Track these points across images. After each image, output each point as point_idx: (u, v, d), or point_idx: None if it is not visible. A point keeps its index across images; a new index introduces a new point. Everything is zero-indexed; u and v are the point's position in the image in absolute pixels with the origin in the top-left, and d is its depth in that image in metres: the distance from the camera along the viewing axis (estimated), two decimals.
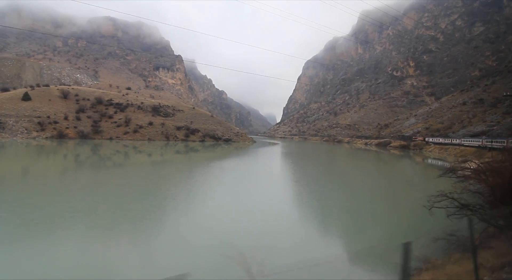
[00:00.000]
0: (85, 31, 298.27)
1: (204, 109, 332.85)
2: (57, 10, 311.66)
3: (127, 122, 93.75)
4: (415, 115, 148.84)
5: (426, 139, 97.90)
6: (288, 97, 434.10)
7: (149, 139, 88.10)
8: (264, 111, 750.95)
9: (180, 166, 41.52)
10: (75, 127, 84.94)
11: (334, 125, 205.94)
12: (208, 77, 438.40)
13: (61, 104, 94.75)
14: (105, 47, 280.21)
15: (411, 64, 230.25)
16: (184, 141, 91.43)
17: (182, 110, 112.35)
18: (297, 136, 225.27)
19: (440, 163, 53.40)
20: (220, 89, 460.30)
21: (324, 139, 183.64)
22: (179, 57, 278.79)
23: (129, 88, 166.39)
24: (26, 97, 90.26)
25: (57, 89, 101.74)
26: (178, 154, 60.31)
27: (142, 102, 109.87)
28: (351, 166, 51.22)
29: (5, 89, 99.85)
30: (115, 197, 18.71)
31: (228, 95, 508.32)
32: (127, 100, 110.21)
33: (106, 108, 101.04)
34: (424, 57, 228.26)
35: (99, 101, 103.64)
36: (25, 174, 28.64)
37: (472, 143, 66.15)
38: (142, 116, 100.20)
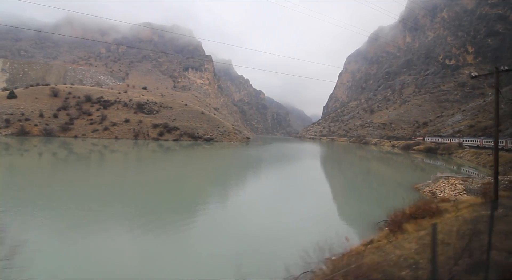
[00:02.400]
0: (126, 37, 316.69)
1: (233, 109, 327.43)
2: (104, 20, 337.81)
3: (103, 119, 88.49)
4: (464, 110, 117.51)
5: (425, 139, 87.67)
6: (329, 95, 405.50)
7: (116, 137, 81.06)
8: (310, 111, 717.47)
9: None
10: (47, 124, 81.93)
11: (366, 125, 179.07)
12: (245, 77, 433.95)
13: (45, 102, 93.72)
14: (141, 51, 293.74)
15: (470, 50, 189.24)
16: (156, 140, 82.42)
17: (170, 107, 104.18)
18: (325, 137, 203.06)
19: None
20: (257, 89, 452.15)
21: (351, 140, 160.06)
22: (208, 57, 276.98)
23: (144, 88, 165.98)
24: (11, 96, 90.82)
25: (50, 88, 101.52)
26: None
27: (130, 99, 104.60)
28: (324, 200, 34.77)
29: (5, 89, 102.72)
30: None
31: (267, 95, 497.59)
32: (118, 98, 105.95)
33: (92, 106, 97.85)
34: (489, 40, 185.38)
35: (88, 99, 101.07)
36: None
37: (471, 142, 59.17)
38: (122, 113, 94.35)
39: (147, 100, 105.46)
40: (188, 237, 13.24)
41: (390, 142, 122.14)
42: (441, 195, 17.62)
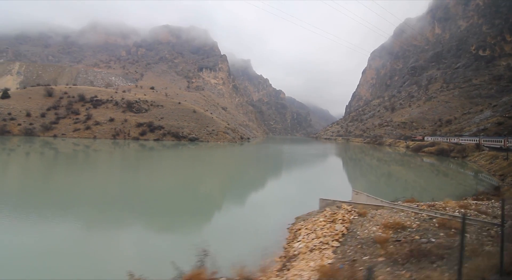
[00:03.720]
0: (145, 40, 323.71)
1: (248, 109, 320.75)
2: (125, 23, 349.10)
3: (88, 119, 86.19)
4: (494, 106, 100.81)
5: (425, 138, 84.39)
6: (352, 94, 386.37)
7: (95, 137, 77.84)
8: (335, 111, 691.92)
9: None
10: (31, 124, 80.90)
11: (385, 124, 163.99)
12: (265, 77, 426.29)
13: (38, 102, 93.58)
14: (158, 53, 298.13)
15: (509, 39, 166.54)
16: (136, 140, 78.10)
17: (162, 106, 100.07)
18: (340, 138, 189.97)
19: None
20: (277, 89, 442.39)
21: (365, 141, 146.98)
22: (223, 57, 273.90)
23: (152, 88, 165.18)
24: (4, 96, 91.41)
25: (45, 88, 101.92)
26: None
27: (122, 98, 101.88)
28: None
29: (7, 89, 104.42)
30: None
31: (288, 95, 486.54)
32: (111, 97, 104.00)
33: (83, 105, 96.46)
34: None
35: (81, 98, 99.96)
36: None
37: (493, 143, 55.19)
38: (110, 112, 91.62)
39: (139, 99, 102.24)
40: None
41: (405, 142, 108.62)
42: (300, 244, 9.29)
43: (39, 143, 63.01)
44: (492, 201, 13.89)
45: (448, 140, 72.96)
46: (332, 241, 8.88)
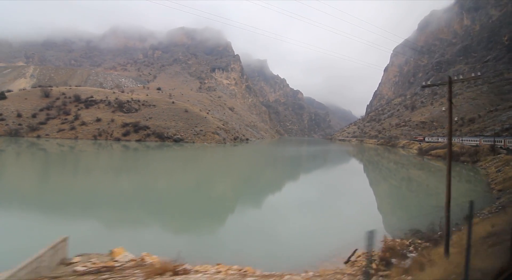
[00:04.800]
0: (162, 42, 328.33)
1: (262, 109, 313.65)
2: (144, 27, 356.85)
3: (76, 119, 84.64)
4: None
5: (425, 139, 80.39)
6: (373, 93, 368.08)
7: (77, 137, 75.66)
8: (358, 111, 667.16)
9: None
10: (19, 124, 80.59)
11: (402, 124, 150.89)
12: (282, 77, 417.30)
13: (33, 103, 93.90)
14: (173, 55, 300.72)
15: None
16: (117, 140, 74.88)
17: (154, 106, 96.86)
18: (354, 139, 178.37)
19: None
20: (295, 89, 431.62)
21: (378, 142, 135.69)
22: (236, 57, 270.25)
23: (159, 89, 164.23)
24: (1, 97, 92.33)
25: (41, 89, 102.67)
26: None
27: (116, 98, 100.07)
28: None
29: (9, 91, 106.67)
30: None
31: (307, 95, 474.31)
32: (106, 97, 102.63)
33: (76, 105, 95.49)
34: None
35: (76, 98, 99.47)
36: None
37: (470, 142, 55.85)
38: (99, 112, 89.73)
39: (131, 99, 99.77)
40: None
41: (420, 144, 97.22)
42: None
43: (14, 144, 61.19)
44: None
45: (480, 141, 68.20)
46: None
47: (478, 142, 50.81)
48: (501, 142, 46.19)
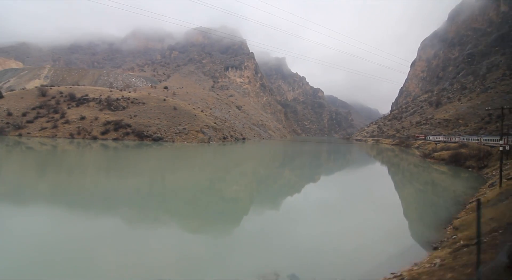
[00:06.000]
0: (179, 43, 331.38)
1: (277, 108, 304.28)
2: (163, 28, 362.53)
3: (62, 117, 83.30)
4: None
5: (427, 137, 74.71)
6: (398, 90, 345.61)
7: (55, 136, 73.76)
8: (386, 109, 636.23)
9: None
10: (7, 123, 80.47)
11: (424, 122, 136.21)
12: (301, 75, 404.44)
13: (27, 102, 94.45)
14: (189, 55, 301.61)
15: None
16: (94, 139, 71.80)
17: (143, 103, 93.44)
18: (370, 139, 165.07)
19: None
20: (315, 87, 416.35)
21: (393, 142, 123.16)
22: (250, 55, 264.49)
23: (166, 88, 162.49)
24: None
25: (38, 88, 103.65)
26: None
27: (108, 96, 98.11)
28: None
29: (12, 90, 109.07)
30: None
31: (328, 93, 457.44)
32: (100, 95, 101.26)
33: (69, 104, 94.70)
34: None
35: (71, 97, 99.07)
36: None
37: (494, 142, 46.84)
38: (87, 110, 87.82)
39: (122, 96, 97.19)
40: None
41: (436, 144, 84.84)
42: None
43: None
44: None
45: (450, 139, 65.07)
46: None
47: (477, 141, 42.66)
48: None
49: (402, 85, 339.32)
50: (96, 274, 8.96)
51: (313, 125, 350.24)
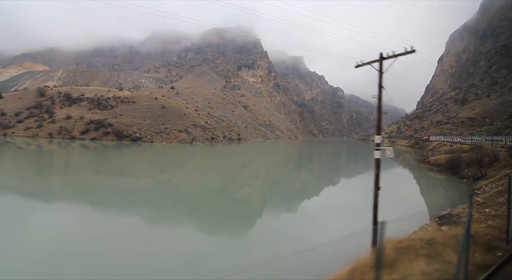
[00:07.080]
0: (195, 44, 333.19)
1: (291, 108, 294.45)
2: (180, 30, 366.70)
3: (50, 117, 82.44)
4: None
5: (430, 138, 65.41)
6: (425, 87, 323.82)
7: (36, 135, 72.41)
8: (412, 109, 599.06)
9: None
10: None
11: (445, 121, 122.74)
12: (320, 74, 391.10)
13: (24, 102, 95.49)
14: (203, 55, 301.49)
15: None
16: (73, 139, 69.47)
17: (133, 102, 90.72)
18: (386, 140, 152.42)
19: None
20: (334, 86, 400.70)
21: (408, 143, 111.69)
22: (263, 53, 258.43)
23: (172, 88, 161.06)
24: None
25: (37, 89, 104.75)
26: None
27: (102, 96, 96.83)
28: None
29: (16, 91, 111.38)
30: None
31: (349, 93, 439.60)
32: (95, 94, 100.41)
33: (62, 104, 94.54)
34: None
35: (67, 97, 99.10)
36: None
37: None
38: (77, 110, 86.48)
39: (114, 95, 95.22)
40: None
41: (452, 146, 73.94)
42: None
43: None
44: None
45: (452, 139, 61.96)
46: None
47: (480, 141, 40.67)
48: (502, 141, 36.21)
49: (428, 83, 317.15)
50: None
51: (331, 126, 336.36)
